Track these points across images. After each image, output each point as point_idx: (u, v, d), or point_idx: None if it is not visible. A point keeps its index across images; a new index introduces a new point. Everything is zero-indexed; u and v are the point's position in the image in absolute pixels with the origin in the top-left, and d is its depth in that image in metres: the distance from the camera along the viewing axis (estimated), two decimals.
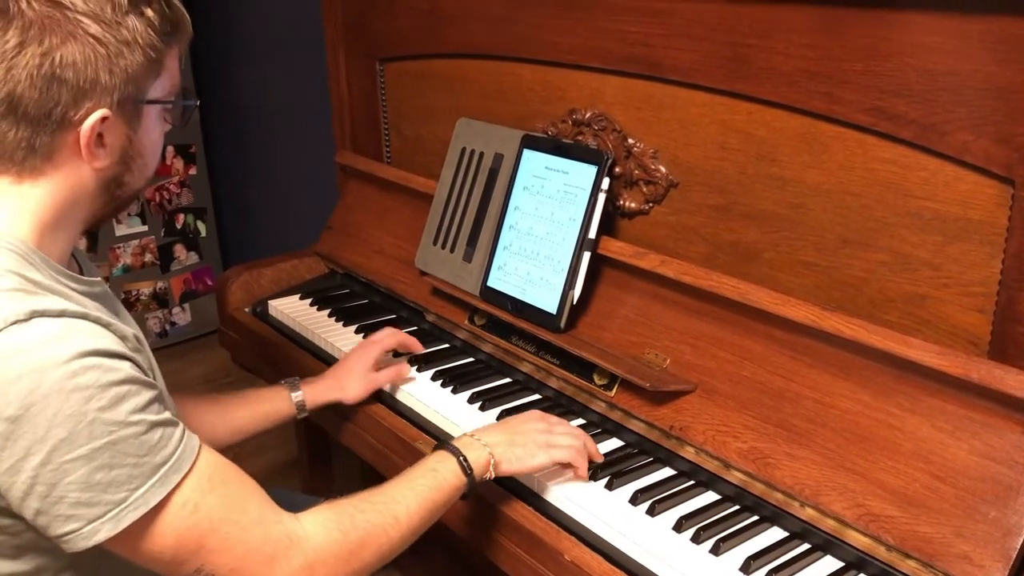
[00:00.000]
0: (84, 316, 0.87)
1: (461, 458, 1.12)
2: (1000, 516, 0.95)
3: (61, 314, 0.85)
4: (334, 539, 0.98)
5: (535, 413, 1.25)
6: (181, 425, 0.92)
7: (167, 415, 0.90)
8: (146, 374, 0.91)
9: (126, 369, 0.86)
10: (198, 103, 1.08)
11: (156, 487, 0.87)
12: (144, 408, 0.87)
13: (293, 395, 1.41)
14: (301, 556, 0.95)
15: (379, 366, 1.49)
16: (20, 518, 0.86)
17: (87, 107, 0.90)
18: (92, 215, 0.99)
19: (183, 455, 0.90)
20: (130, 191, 1.00)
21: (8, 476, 0.83)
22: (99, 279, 1.01)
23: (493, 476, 1.15)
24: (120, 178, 0.98)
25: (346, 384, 1.45)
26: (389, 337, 1.52)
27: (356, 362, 1.47)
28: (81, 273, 1.00)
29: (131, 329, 0.95)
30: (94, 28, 0.89)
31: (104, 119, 0.91)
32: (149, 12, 0.93)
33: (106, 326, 0.88)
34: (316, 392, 1.43)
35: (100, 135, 0.92)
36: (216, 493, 0.92)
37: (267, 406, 1.38)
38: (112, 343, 0.87)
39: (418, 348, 1.56)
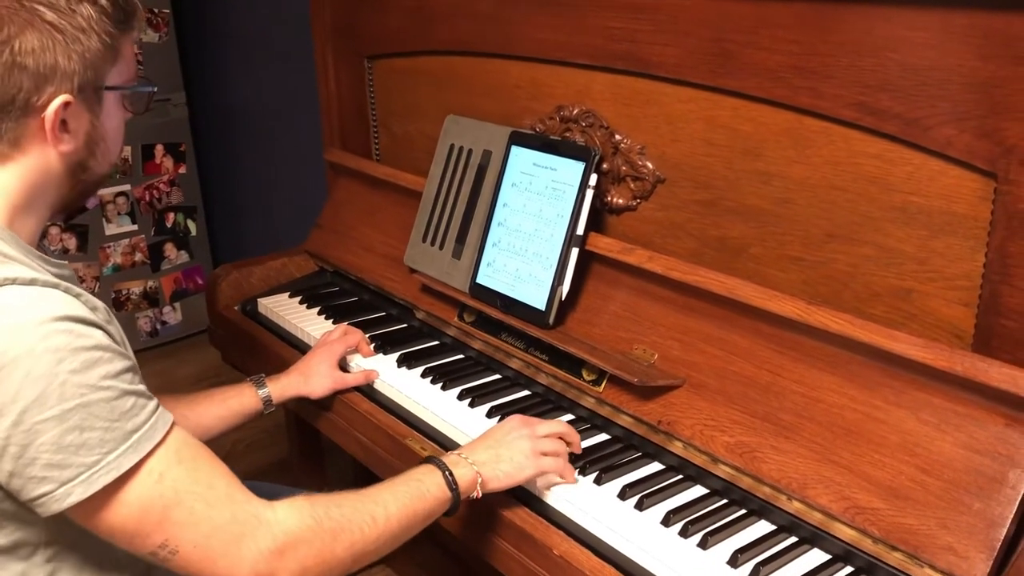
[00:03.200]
0: (55, 286, 0.89)
1: (447, 473, 1.11)
2: (984, 507, 0.96)
3: (32, 282, 0.87)
4: (307, 526, 0.97)
5: (517, 420, 1.23)
6: (156, 400, 0.94)
7: (141, 387, 0.92)
8: (118, 345, 0.93)
9: (98, 336, 0.88)
10: (155, 89, 1.12)
11: (128, 453, 0.88)
12: (116, 375, 0.88)
13: (260, 391, 1.44)
14: (270, 538, 0.94)
15: (343, 362, 1.55)
16: None
17: (49, 92, 0.94)
18: (59, 199, 1.02)
19: (156, 425, 0.91)
20: (94, 176, 1.04)
21: None
22: (66, 263, 1.04)
23: (480, 494, 1.14)
24: (85, 163, 1.01)
25: (312, 380, 1.49)
26: (354, 336, 1.58)
27: (321, 359, 1.52)
28: None
29: (101, 303, 0.96)
30: (50, 15, 0.92)
31: (67, 104, 0.95)
32: (102, 0, 0.96)
33: (76, 296, 0.90)
34: (281, 387, 1.47)
35: (64, 121, 0.96)
36: (184, 467, 0.92)
37: (234, 402, 1.41)
38: (84, 312, 0.89)
39: (368, 354, 1.58)
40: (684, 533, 1.11)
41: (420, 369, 1.53)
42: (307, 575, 0.96)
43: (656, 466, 1.27)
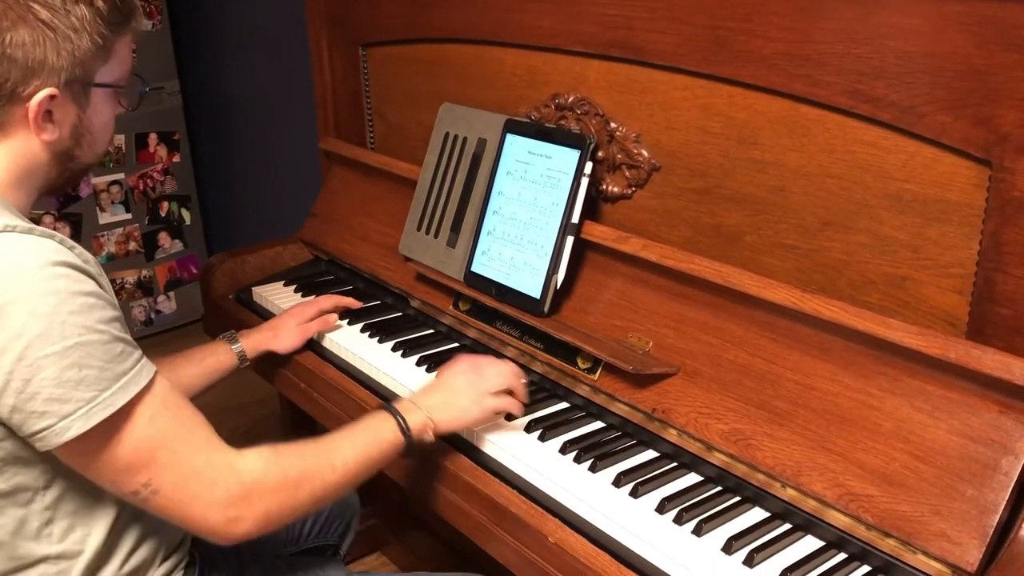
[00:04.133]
0: (51, 236, 0.94)
1: (400, 418, 1.18)
2: (977, 494, 0.97)
3: (30, 231, 0.93)
4: (272, 474, 1.03)
5: (465, 363, 1.30)
6: (140, 350, 0.99)
7: (128, 336, 0.97)
8: (109, 296, 0.98)
9: (92, 285, 0.94)
10: (148, 88, 1.17)
11: (120, 392, 0.94)
12: (108, 322, 0.94)
13: (233, 347, 1.50)
14: (239, 484, 1.00)
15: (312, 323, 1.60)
16: None
17: (35, 84, 0.99)
18: (47, 182, 1.08)
19: (142, 371, 0.97)
20: (81, 164, 1.10)
21: None
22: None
23: (432, 438, 1.22)
24: (71, 152, 1.07)
25: (281, 335, 1.56)
26: (325, 299, 1.66)
27: (291, 316, 1.60)
28: None
29: (92, 257, 1.00)
30: (44, 14, 0.98)
31: (52, 97, 1.00)
32: (99, 2, 1.01)
33: (70, 248, 0.95)
34: (253, 342, 1.53)
35: (49, 111, 1.01)
36: (170, 412, 0.99)
37: (211, 360, 1.46)
38: (79, 261, 0.94)
39: (355, 305, 1.68)
40: (678, 520, 1.12)
41: (415, 358, 1.53)
42: (271, 519, 1.03)
43: (651, 454, 1.27)
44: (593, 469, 1.22)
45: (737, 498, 1.17)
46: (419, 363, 1.51)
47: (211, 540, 1.03)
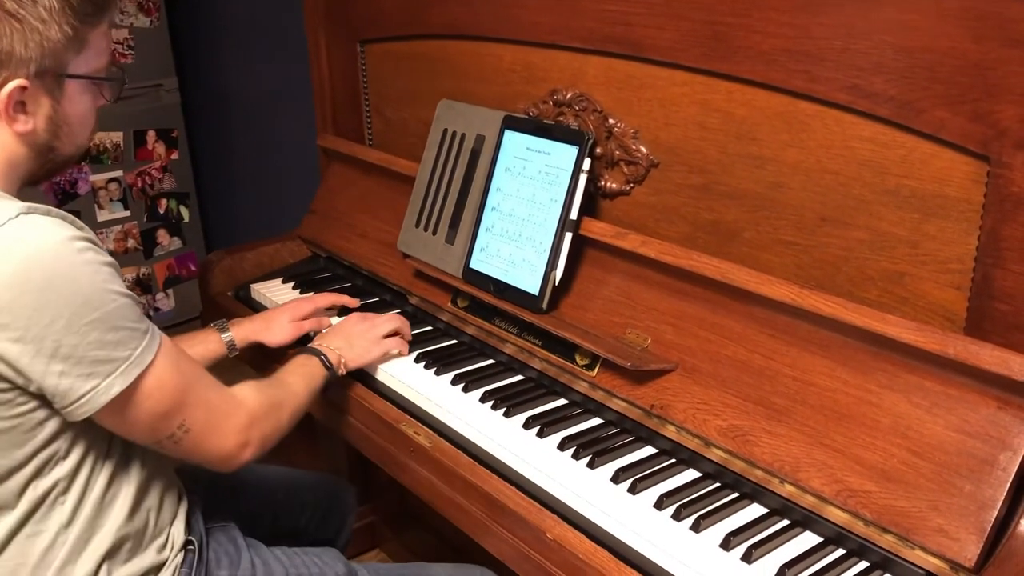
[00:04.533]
0: (64, 216, 0.99)
1: (322, 356, 1.39)
2: (975, 490, 0.97)
3: (48, 212, 0.98)
4: (261, 403, 1.19)
5: (357, 316, 1.54)
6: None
7: (138, 299, 1.07)
8: None
9: (108, 256, 1.01)
10: (124, 79, 1.17)
11: (148, 348, 1.03)
12: (125, 288, 1.02)
13: (223, 336, 1.50)
14: (245, 413, 1.15)
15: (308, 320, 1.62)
16: (35, 396, 0.99)
17: (4, 75, 1.00)
18: (29, 173, 1.10)
19: (154, 328, 1.06)
20: (63, 156, 1.11)
21: (36, 343, 0.95)
22: None
23: (344, 372, 1.42)
24: (50, 144, 1.08)
25: (273, 328, 1.56)
26: (322, 297, 1.67)
27: (285, 311, 1.60)
28: None
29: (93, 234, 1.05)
30: (10, 5, 0.98)
31: (23, 88, 1.01)
32: None
33: (80, 228, 1.00)
34: (244, 332, 1.53)
35: (22, 103, 1.03)
36: (184, 360, 1.10)
37: (200, 347, 1.46)
38: (93, 236, 1.01)
39: (352, 303, 1.69)
40: (677, 516, 1.12)
41: (414, 354, 1.53)
42: (266, 441, 1.19)
43: (649, 450, 1.27)
44: (591, 465, 1.22)
45: (735, 494, 1.17)
46: (417, 359, 1.51)
47: (222, 469, 1.15)
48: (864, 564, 1.05)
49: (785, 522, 1.12)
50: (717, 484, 1.19)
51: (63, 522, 1.06)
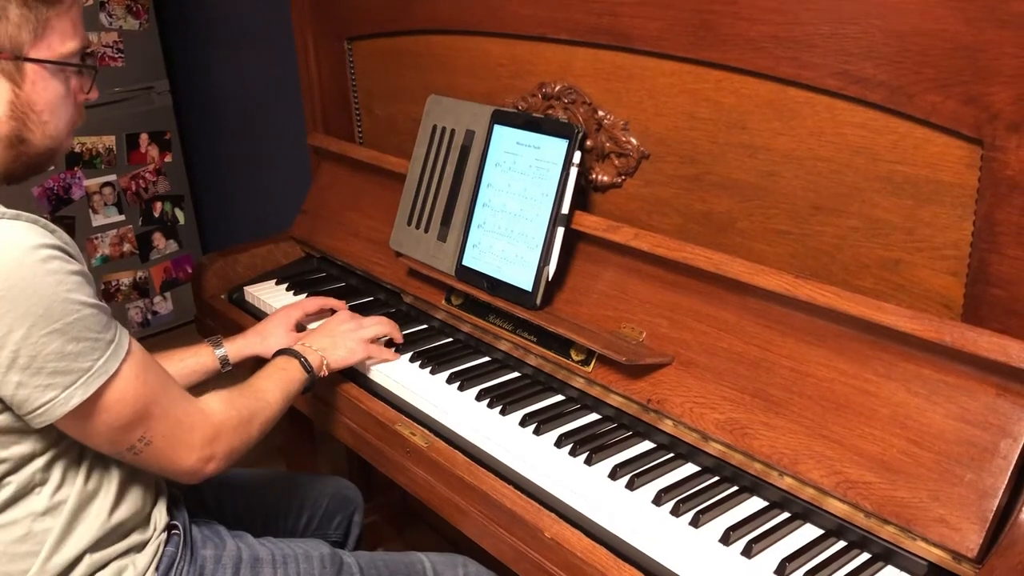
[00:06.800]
0: (35, 221, 0.96)
1: (302, 359, 1.36)
2: (975, 479, 0.95)
3: (17, 216, 0.95)
4: (230, 415, 1.17)
5: (345, 315, 1.52)
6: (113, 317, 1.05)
7: (106, 306, 1.03)
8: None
9: (78, 264, 0.99)
10: (94, 66, 1.13)
11: (111, 358, 1.01)
12: (93, 296, 1.00)
13: (216, 351, 1.48)
14: (210, 427, 1.13)
15: (300, 328, 1.59)
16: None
17: None
18: (3, 168, 1.07)
19: (122, 337, 1.04)
20: (37, 148, 1.08)
21: None
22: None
23: (326, 373, 1.40)
24: (20, 135, 1.06)
25: (268, 340, 1.53)
26: (310, 302, 1.65)
27: (279, 321, 1.56)
28: None
29: (69, 239, 1.02)
30: None
31: None
32: None
33: (52, 231, 0.98)
34: (238, 348, 1.51)
35: None
36: (151, 371, 1.07)
37: (191, 361, 1.45)
38: (63, 243, 0.98)
39: (340, 305, 1.66)
40: (676, 512, 1.11)
41: (409, 354, 1.51)
42: (233, 455, 1.17)
43: (647, 445, 1.26)
44: (589, 462, 1.21)
45: (734, 488, 1.16)
46: (412, 359, 1.50)
47: (184, 481, 1.13)
48: (866, 556, 1.04)
49: (785, 515, 1.11)
50: (716, 478, 1.18)
51: (38, 511, 1.05)
